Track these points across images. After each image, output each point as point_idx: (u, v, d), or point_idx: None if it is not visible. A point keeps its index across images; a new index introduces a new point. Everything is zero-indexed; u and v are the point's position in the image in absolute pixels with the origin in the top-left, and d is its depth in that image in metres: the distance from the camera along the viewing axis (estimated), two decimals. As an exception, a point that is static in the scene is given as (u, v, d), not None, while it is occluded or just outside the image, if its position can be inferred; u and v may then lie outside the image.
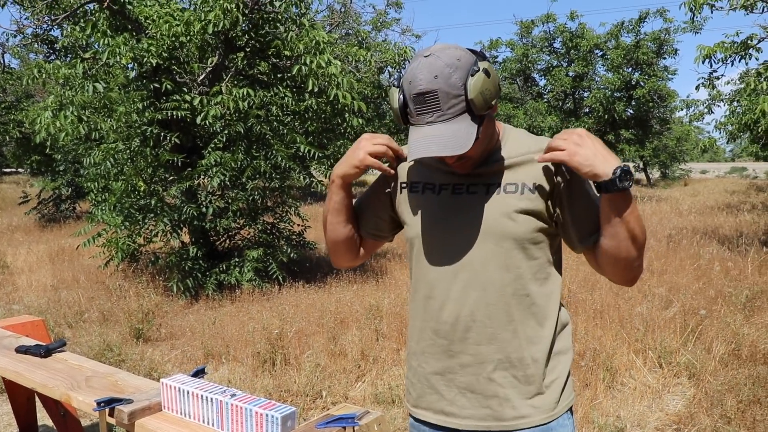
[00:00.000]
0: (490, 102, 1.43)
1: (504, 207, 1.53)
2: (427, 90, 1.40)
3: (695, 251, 9.12)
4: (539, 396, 1.56)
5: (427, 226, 1.62)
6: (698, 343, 5.15)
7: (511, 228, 1.52)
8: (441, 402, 1.63)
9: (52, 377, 2.83)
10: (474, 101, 1.40)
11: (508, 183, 1.54)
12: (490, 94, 1.42)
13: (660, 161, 36.02)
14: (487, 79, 1.41)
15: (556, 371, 1.59)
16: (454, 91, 1.39)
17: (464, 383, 1.59)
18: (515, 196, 1.53)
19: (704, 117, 12.65)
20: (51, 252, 10.46)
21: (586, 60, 21.60)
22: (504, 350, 1.55)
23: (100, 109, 7.22)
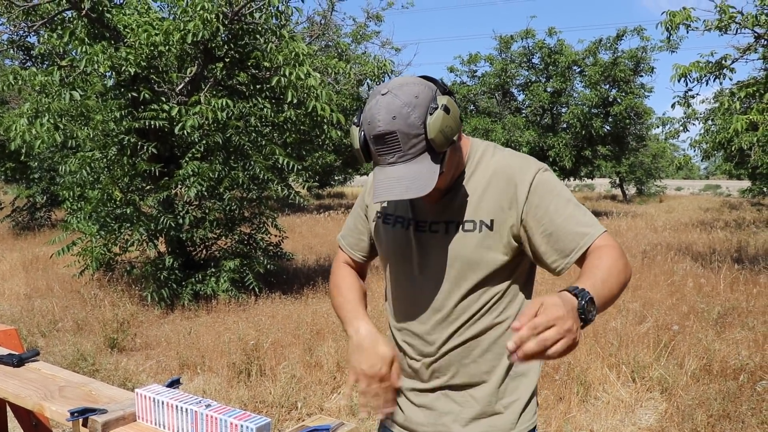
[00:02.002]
0: (451, 138, 1.42)
1: (461, 247, 1.54)
2: (386, 131, 1.38)
3: (669, 267, 9.25)
4: (495, 416, 1.58)
5: (394, 260, 1.68)
6: (671, 358, 5.21)
7: (470, 266, 1.54)
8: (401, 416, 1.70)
9: (25, 387, 2.79)
10: (434, 140, 1.38)
11: (467, 220, 1.54)
12: (451, 130, 1.41)
13: (636, 177, 36.47)
14: (446, 116, 1.40)
15: (516, 393, 1.60)
16: (413, 131, 1.38)
17: (422, 402, 1.64)
18: (473, 234, 1.53)
19: (679, 135, 12.83)
20: (25, 260, 10.33)
21: (564, 76, 21.85)
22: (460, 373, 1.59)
23: (77, 117, 7.16)
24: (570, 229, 1.45)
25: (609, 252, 1.41)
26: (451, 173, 1.52)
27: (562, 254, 1.46)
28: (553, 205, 1.47)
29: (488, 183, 1.54)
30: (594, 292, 1.26)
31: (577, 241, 1.45)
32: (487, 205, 1.53)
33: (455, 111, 1.43)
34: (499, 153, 1.60)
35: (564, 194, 1.50)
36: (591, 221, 1.47)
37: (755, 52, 9.43)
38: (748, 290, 7.59)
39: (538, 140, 21.72)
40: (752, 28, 8.67)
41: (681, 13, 8.59)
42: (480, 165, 1.58)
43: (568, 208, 1.47)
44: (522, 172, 1.51)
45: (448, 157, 1.46)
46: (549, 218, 1.47)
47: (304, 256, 11.05)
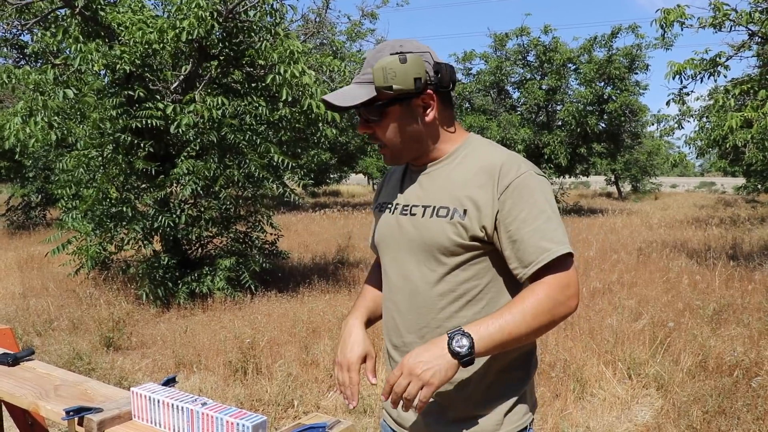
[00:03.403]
0: (389, 81, 1.50)
1: (434, 231, 1.58)
2: (364, 58, 1.61)
3: (665, 264, 9.27)
4: (481, 417, 1.59)
5: (380, 244, 1.76)
6: (666, 354, 5.23)
7: (440, 251, 1.57)
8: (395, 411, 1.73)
9: (20, 386, 2.78)
10: (373, 72, 1.51)
11: (442, 206, 1.58)
12: (393, 74, 1.50)
13: (631, 175, 36.51)
14: (397, 62, 1.50)
15: (501, 394, 1.61)
16: (372, 63, 1.54)
17: None
18: (445, 220, 1.56)
19: (674, 132, 12.92)
20: (20, 259, 10.30)
21: (560, 73, 21.87)
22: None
23: (72, 116, 7.14)
24: (533, 243, 1.47)
25: (541, 290, 1.45)
26: (400, 137, 1.61)
27: (522, 263, 1.49)
28: (524, 213, 1.49)
29: (473, 175, 1.57)
30: (481, 332, 1.38)
31: (537, 255, 1.46)
32: (464, 195, 1.55)
33: (413, 67, 1.52)
34: (491, 149, 1.63)
35: (539, 203, 1.50)
36: (557, 237, 1.48)
37: (749, 49, 9.45)
38: (743, 287, 7.61)
39: (533, 138, 21.73)
40: (746, 26, 8.69)
41: (675, 10, 8.60)
42: (469, 157, 1.62)
43: (538, 220, 1.48)
44: (504, 172, 1.52)
45: (393, 111, 1.57)
46: (516, 226, 1.49)
47: (299, 255, 11.04)
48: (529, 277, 1.49)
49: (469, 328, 1.39)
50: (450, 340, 1.38)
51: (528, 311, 1.42)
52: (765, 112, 8.07)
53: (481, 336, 1.39)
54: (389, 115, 1.58)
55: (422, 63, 1.54)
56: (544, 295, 1.43)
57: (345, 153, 27.66)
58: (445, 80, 1.59)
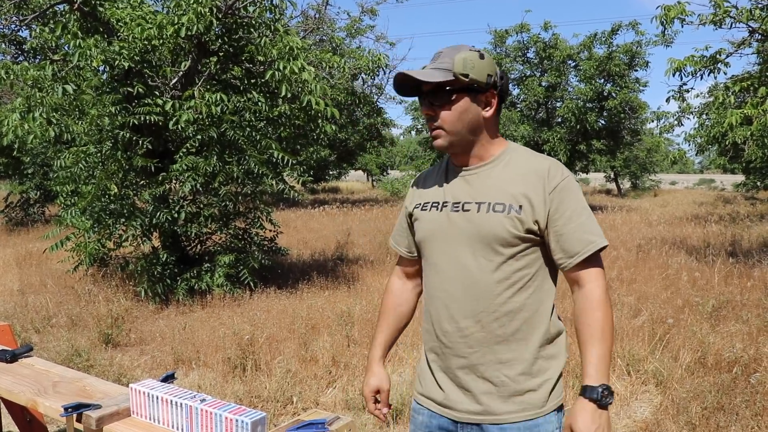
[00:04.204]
0: (467, 69, 1.71)
1: (492, 224, 1.74)
2: (440, 52, 1.79)
3: (664, 261, 9.27)
4: (530, 393, 1.77)
5: (429, 239, 1.89)
6: (665, 351, 5.23)
7: (498, 242, 1.74)
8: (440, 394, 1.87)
9: (18, 383, 2.78)
10: (455, 60, 1.71)
11: (498, 202, 1.75)
12: (472, 65, 1.71)
13: (630, 172, 36.55)
14: (477, 57, 1.74)
15: (547, 373, 1.79)
16: (451, 55, 1.74)
17: (460, 382, 1.82)
18: (502, 215, 1.74)
19: (674, 129, 12.93)
20: (18, 256, 10.29)
21: (559, 70, 21.86)
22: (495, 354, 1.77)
23: (71, 112, 7.12)
24: (578, 236, 1.72)
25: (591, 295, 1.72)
26: (461, 124, 1.78)
27: (567, 254, 1.73)
28: (569, 211, 1.73)
29: (523, 176, 1.77)
30: (601, 376, 1.65)
31: (583, 247, 1.72)
32: (519, 192, 1.75)
33: (488, 65, 1.75)
34: (535, 154, 1.85)
35: (580, 203, 1.75)
36: (597, 231, 1.75)
37: (749, 46, 9.44)
38: (742, 283, 7.61)
39: (532, 134, 21.73)
40: (746, 23, 8.68)
41: (676, 7, 8.58)
42: (514, 161, 1.81)
43: (582, 217, 1.74)
44: (552, 175, 1.74)
45: (461, 98, 1.76)
46: (563, 222, 1.72)
47: (299, 251, 11.04)
48: (574, 265, 1.74)
49: (599, 379, 1.65)
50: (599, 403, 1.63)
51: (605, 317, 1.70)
52: (765, 109, 8.07)
53: (605, 374, 1.66)
54: (456, 101, 1.76)
55: (494, 65, 1.77)
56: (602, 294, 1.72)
57: (344, 149, 27.65)
58: (505, 87, 1.83)
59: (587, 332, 1.70)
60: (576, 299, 1.76)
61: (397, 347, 5.47)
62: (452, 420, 1.84)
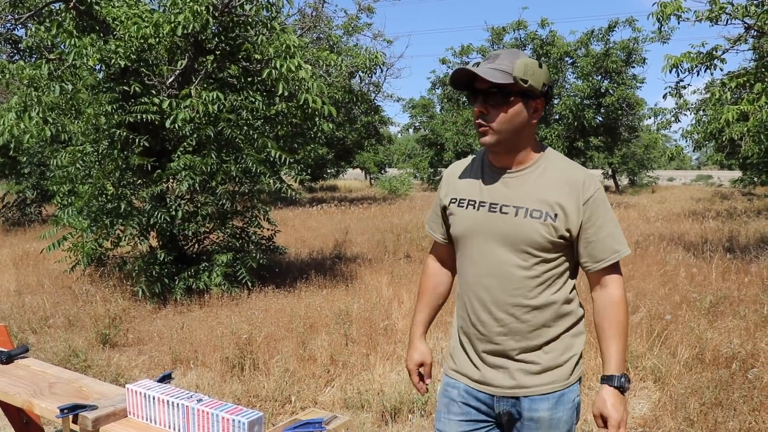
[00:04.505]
0: (527, 75, 1.84)
1: (528, 229, 1.91)
2: (497, 54, 1.91)
3: (662, 257, 9.28)
4: (558, 369, 1.99)
5: (467, 236, 2.04)
6: (664, 347, 5.23)
7: (533, 245, 1.92)
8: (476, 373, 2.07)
9: (14, 384, 2.77)
10: (515, 64, 1.84)
11: (535, 209, 1.92)
12: (532, 72, 1.85)
13: (628, 168, 36.59)
14: (537, 65, 1.88)
15: (572, 350, 2.02)
16: (511, 58, 1.87)
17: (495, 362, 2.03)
18: (539, 221, 1.91)
19: (671, 125, 12.88)
20: (15, 256, 10.26)
21: (557, 67, 21.87)
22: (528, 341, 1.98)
23: (67, 111, 7.10)
24: (606, 245, 1.93)
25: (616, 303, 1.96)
26: (510, 125, 1.91)
27: (593, 260, 1.95)
28: (600, 220, 1.92)
29: (559, 185, 1.93)
30: (621, 366, 1.92)
31: (609, 254, 1.94)
32: (554, 201, 1.91)
33: (544, 74, 1.90)
34: (569, 163, 2.00)
35: (609, 213, 1.95)
36: (623, 241, 1.96)
37: (745, 42, 9.45)
38: (740, 279, 7.62)
39: (530, 132, 21.71)
40: (742, 19, 8.68)
41: (672, 3, 8.58)
42: (549, 168, 1.96)
43: (610, 227, 1.94)
44: (586, 186, 1.92)
45: (516, 102, 1.89)
46: (594, 231, 1.92)
47: (297, 250, 11.03)
48: (599, 269, 1.96)
49: (620, 369, 1.92)
50: (621, 389, 1.91)
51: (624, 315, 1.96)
52: (761, 105, 8.08)
53: (624, 365, 1.94)
54: (512, 105, 1.89)
55: (549, 75, 1.92)
56: (621, 295, 1.97)
57: (342, 148, 27.64)
58: (550, 98, 1.97)
59: (609, 329, 1.94)
60: (597, 298, 1.99)
61: (396, 346, 5.47)
62: (489, 395, 2.04)
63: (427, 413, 4.27)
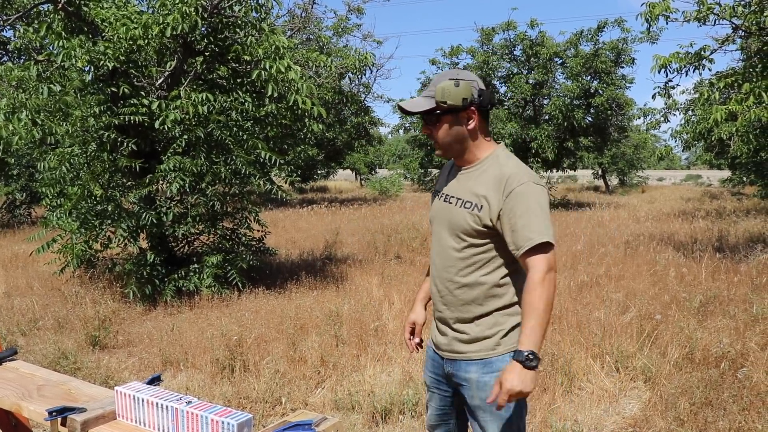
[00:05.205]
0: (444, 99, 2.21)
1: (460, 217, 2.29)
2: (431, 80, 2.30)
3: (652, 257, 9.32)
4: (486, 340, 2.29)
5: (431, 222, 2.47)
6: (654, 347, 5.25)
7: (462, 232, 2.28)
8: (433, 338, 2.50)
9: (2, 387, 2.76)
10: (436, 90, 2.23)
11: (468, 200, 2.27)
12: (449, 94, 2.20)
13: (618, 168, 36.74)
14: (452, 86, 2.21)
15: (500, 326, 2.28)
16: (437, 83, 2.25)
17: (442, 329, 2.42)
18: (468, 211, 2.26)
19: (660, 125, 12.93)
20: (4, 258, 10.20)
21: (546, 68, 21.91)
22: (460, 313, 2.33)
23: (56, 113, 7.06)
24: (523, 233, 2.13)
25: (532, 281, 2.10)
26: (444, 140, 2.30)
27: (516, 246, 2.17)
28: (519, 211, 2.14)
29: (492, 181, 2.23)
30: (529, 343, 2.05)
31: (525, 242, 2.13)
32: (482, 195, 2.23)
33: (463, 91, 2.21)
34: (506, 161, 2.28)
35: (531, 205, 2.14)
36: (539, 230, 2.12)
37: (733, 42, 9.49)
38: (729, 279, 7.66)
39: (520, 132, 21.78)
40: (730, 20, 8.72)
41: (660, 4, 8.61)
42: (492, 167, 2.27)
43: (528, 217, 2.13)
44: (510, 182, 2.18)
45: (446, 119, 2.26)
46: (514, 221, 2.16)
47: (287, 251, 11.01)
48: (521, 255, 2.15)
49: (528, 345, 2.05)
50: (524, 364, 2.04)
51: (539, 299, 2.08)
52: (749, 105, 8.11)
53: (535, 344, 2.05)
54: (442, 121, 2.27)
55: (470, 88, 2.22)
56: (540, 279, 2.09)
57: (332, 149, 27.59)
58: (485, 102, 2.26)
59: (524, 308, 2.11)
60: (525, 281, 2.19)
61: (386, 347, 5.46)
62: (440, 356, 2.44)
63: (417, 414, 4.27)
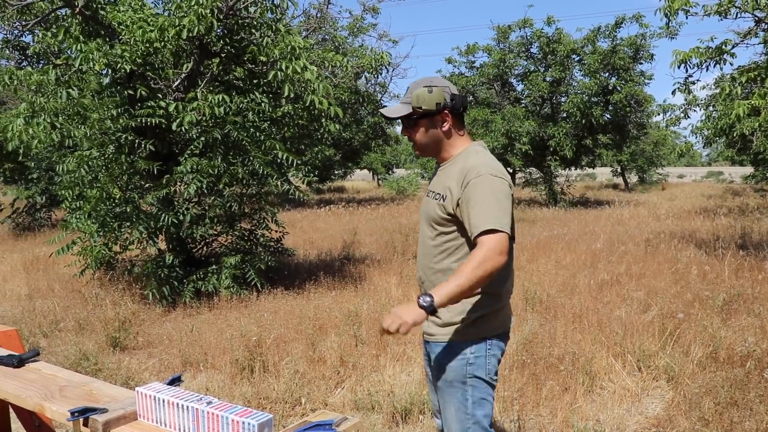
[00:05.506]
0: (420, 105, 2.44)
1: (431, 207, 2.53)
2: (409, 87, 2.52)
3: (673, 255, 9.21)
4: (454, 325, 2.47)
5: (420, 213, 2.67)
6: (676, 346, 5.18)
7: (433, 221, 2.51)
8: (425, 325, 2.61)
9: (25, 387, 2.77)
10: (412, 96, 2.46)
11: (437, 192, 2.51)
12: (423, 100, 2.44)
13: (637, 166, 36.43)
14: (426, 92, 2.44)
15: (470, 314, 2.45)
16: (413, 90, 2.48)
17: None
18: (436, 202, 2.49)
19: (681, 122, 12.78)
20: (25, 261, 10.30)
21: (563, 65, 21.77)
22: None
23: (74, 116, 7.11)
24: (474, 221, 2.30)
25: (478, 252, 2.24)
26: (421, 141, 2.54)
27: (470, 232, 2.33)
28: (473, 200, 2.32)
29: (457, 173, 2.42)
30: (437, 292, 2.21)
31: (474, 230, 2.29)
32: (447, 186, 2.44)
33: (436, 97, 2.44)
34: (473, 157, 2.46)
35: (485, 196, 2.30)
36: (486, 218, 2.26)
37: (756, 36, 9.35)
38: (753, 276, 7.55)
39: (538, 130, 21.66)
40: (752, 12, 8.60)
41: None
42: (461, 161, 2.47)
43: (481, 206, 2.29)
44: (469, 174, 2.36)
45: (422, 123, 2.50)
46: (468, 209, 2.33)
47: (305, 251, 11.02)
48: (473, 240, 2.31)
49: (434, 291, 2.22)
50: (418, 299, 2.22)
51: (471, 268, 2.22)
52: (772, 99, 7.99)
53: (440, 295, 2.21)
54: (419, 125, 2.51)
55: (443, 93, 2.44)
56: (480, 255, 2.23)
57: (349, 149, 27.63)
58: (457, 105, 2.48)
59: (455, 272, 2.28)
60: None
61: (405, 346, 5.44)
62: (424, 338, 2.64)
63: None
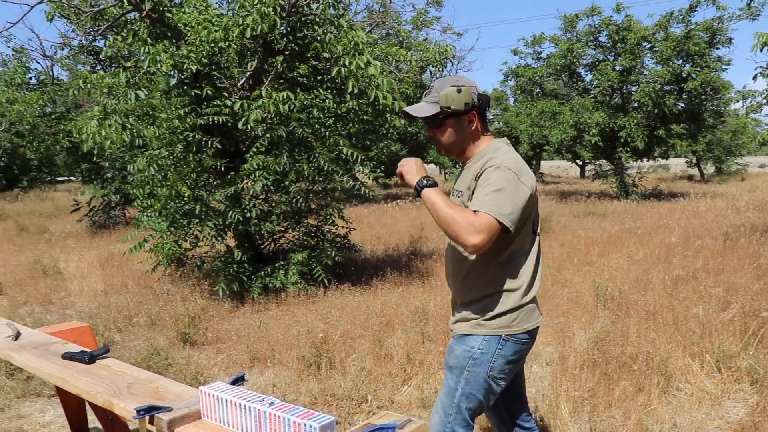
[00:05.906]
0: (448, 104, 2.45)
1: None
2: (432, 86, 2.55)
3: (755, 249, 8.77)
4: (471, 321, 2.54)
5: None
6: (760, 347, 4.91)
7: None
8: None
9: (96, 384, 2.83)
10: (440, 96, 2.47)
11: (461, 190, 2.56)
12: (452, 100, 2.44)
13: (714, 156, 35.13)
14: (454, 91, 2.44)
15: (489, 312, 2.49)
16: (439, 89, 2.49)
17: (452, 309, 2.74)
18: (460, 200, 2.53)
19: (763, 108, 12.22)
20: (101, 258, 10.65)
21: (634, 53, 21.08)
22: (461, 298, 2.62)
23: (143, 117, 7.29)
24: (475, 202, 2.34)
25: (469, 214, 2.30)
26: (447, 141, 2.56)
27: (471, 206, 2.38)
28: (481, 188, 2.36)
29: (477, 169, 2.44)
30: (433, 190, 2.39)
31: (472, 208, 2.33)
32: (469, 182, 2.48)
33: (464, 97, 2.45)
34: (495, 153, 2.47)
35: (492, 186, 2.33)
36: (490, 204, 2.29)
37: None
38: (843, 270, 7.12)
39: (608, 121, 21.09)
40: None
41: (760, -22, 8.08)
42: (482, 158, 2.48)
43: (485, 194, 2.32)
44: (485, 166, 2.40)
45: (449, 123, 2.51)
46: (477, 194, 2.37)
47: (372, 247, 11.02)
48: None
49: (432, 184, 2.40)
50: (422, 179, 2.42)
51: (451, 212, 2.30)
52: None
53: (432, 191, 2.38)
54: (446, 125, 2.53)
55: (470, 93, 2.46)
56: (463, 216, 2.28)
57: (415, 143, 27.58)
58: (483, 105, 2.53)
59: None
60: None
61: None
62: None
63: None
